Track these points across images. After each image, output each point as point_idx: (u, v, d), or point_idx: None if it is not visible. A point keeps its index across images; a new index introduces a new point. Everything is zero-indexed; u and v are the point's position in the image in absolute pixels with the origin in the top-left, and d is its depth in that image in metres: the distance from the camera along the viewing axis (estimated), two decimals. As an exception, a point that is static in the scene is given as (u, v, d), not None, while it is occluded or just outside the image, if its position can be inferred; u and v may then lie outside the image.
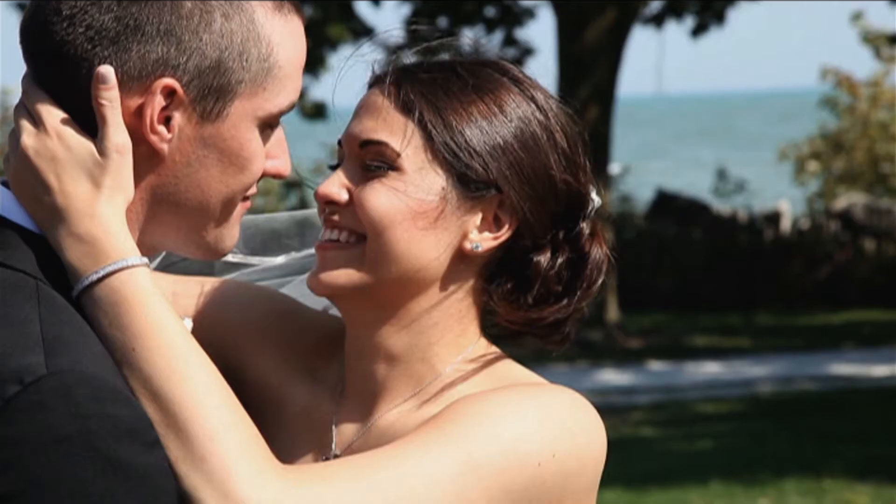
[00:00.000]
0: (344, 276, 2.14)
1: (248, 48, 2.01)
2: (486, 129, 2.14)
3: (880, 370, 15.43)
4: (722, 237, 21.16)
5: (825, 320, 19.35)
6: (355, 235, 2.15)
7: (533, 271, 2.17)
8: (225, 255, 2.14)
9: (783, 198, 24.42)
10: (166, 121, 2.00)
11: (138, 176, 2.01)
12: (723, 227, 21.40)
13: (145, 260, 1.99)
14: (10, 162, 2.03)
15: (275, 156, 2.10)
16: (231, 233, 2.10)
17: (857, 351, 16.75)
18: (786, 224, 21.89)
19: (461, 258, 2.16)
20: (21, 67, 2.06)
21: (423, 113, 2.13)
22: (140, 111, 1.98)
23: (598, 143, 17.87)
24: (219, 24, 1.99)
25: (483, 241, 2.15)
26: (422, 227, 2.12)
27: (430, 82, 2.16)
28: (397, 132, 2.13)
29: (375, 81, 2.19)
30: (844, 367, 15.69)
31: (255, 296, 2.35)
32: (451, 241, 2.15)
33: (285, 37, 2.05)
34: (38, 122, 2.00)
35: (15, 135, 2.02)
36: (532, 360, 2.29)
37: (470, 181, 2.14)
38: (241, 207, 2.09)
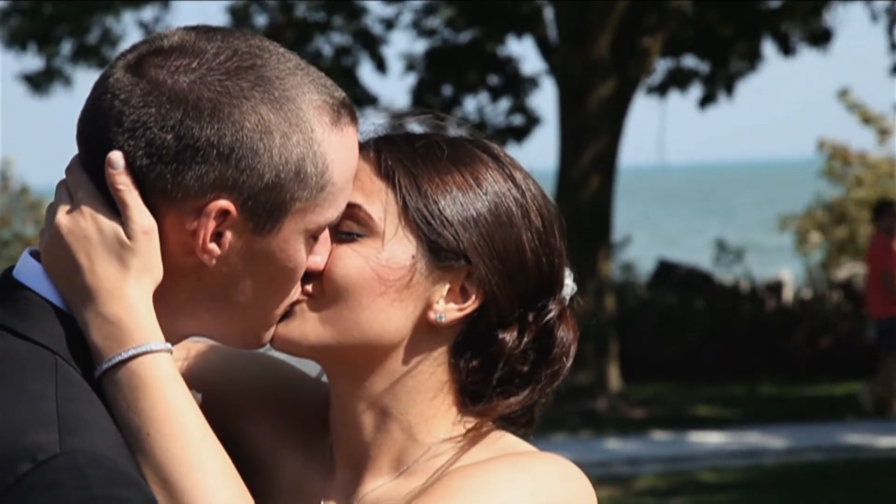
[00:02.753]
0: (299, 332, 2.12)
1: (305, 166, 2.00)
2: (461, 201, 2.13)
3: (884, 441, 15.36)
4: (724, 307, 21.12)
5: (828, 391, 19.28)
6: (321, 297, 2.13)
7: (497, 348, 2.15)
8: (259, 349, 2.13)
9: (784, 268, 24.40)
10: (217, 235, 1.99)
11: (181, 280, 2.01)
12: (724, 297, 21.37)
13: (168, 346, 1.99)
14: (45, 236, 2.03)
15: (316, 252, 2.09)
16: (269, 332, 2.10)
17: (861, 422, 16.68)
18: (788, 294, 21.86)
19: (426, 328, 2.13)
20: (21, 138, 2.05)
21: (400, 179, 2.12)
22: (194, 231, 1.97)
23: (599, 213, 17.89)
24: (278, 144, 1.98)
25: (447, 311, 2.13)
26: (388, 294, 2.10)
27: (410, 151, 2.15)
28: (372, 196, 2.12)
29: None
30: (848, 438, 15.62)
31: (255, 363, 2.34)
32: (415, 311, 2.12)
33: (340, 153, 2.04)
34: (75, 201, 2.00)
35: (52, 210, 2.02)
36: (535, 430, 2.27)
37: (440, 250, 2.12)
38: (281, 308, 2.08)
